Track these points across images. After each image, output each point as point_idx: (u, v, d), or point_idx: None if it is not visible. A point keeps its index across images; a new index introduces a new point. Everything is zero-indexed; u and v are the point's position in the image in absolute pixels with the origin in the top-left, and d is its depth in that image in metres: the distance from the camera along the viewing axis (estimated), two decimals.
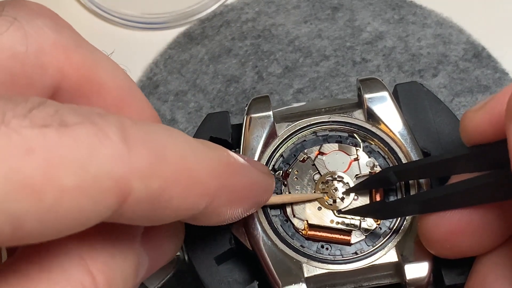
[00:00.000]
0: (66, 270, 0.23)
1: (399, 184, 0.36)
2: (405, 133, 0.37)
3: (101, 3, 0.52)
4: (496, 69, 0.47)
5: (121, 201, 0.22)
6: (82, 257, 0.23)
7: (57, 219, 0.21)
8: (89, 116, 0.22)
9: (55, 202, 0.20)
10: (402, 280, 0.34)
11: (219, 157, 0.27)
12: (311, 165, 0.37)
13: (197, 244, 0.34)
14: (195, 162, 0.25)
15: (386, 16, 0.50)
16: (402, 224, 0.35)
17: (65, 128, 0.21)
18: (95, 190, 0.21)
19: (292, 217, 0.36)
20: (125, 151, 0.22)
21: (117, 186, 0.22)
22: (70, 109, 0.22)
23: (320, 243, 0.36)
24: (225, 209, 0.28)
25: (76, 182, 0.20)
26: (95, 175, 0.21)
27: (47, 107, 0.21)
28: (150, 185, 0.23)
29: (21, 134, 0.20)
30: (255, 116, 0.38)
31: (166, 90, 0.49)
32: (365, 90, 0.38)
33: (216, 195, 0.26)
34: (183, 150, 0.25)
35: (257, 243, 0.35)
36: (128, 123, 0.23)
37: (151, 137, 0.23)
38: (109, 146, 0.21)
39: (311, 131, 0.38)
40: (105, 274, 0.24)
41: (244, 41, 0.50)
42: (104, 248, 0.24)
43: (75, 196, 0.21)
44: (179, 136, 0.25)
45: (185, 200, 0.25)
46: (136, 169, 0.22)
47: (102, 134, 0.21)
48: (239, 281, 0.35)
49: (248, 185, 0.30)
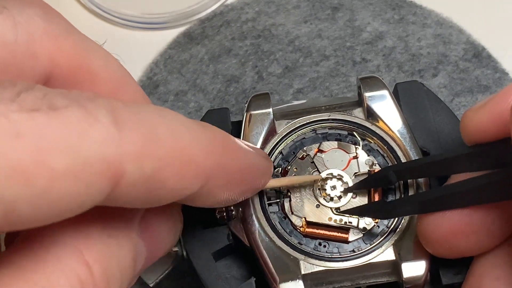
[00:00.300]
0: (61, 261, 0.23)
1: (398, 183, 0.36)
2: (405, 132, 0.37)
3: (101, 3, 0.52)
4: (496, 69, 0.47)
5: (114, 184, 0.22)
6: (77, 247, 0.23)
7: (50, 204, 0.20)
8: (78, 100, 0.22)
9: (46, 186, 0.20)
10: (399, 278, 0.34)
11: (214, 136, 0.27)
12: (310, 162, 0.37)
13: (195, 239, 0.34)
14: (190, 141, 0.25)
15: (386, 16, 0.50)
16: (400, 223, 0.35)
17: (54, 112, 0.21)
18: (86, 173, 0.21)
19: (290, 214, 0.36)
20: (116, 133, 0.22)
21: (109, 169, 0.21)
22: (59, 93, 0.21)
23: (318, 240, 0.36)
24: (221, 191, 0.28)
25: (67, 166, 0.20)
26: (86, 158, 0.21)
27: (36, 91, 0.21)
28: (143, 167, 0.22)
29: (9, 118, 0.20)
30: (255, 113, 0.38)
31: (166, 90, 0.49)
32: (365, 88, 0.38)
33: (212, 175, 0.26)
34: (177, 130, 0.24)
35: (254, 240, 0.35)
36: (118, 105, 0.22)
37: (142, 118, 0.23)
38: (99, 128, 0.21)
39: (310, 128, 0.38)
40: (101, 263, 0.23)
41: (244, 41, 0.50)
42: (100, 237, 0.24)
43: (66, 180, 0.20)
44: (172, 116, 0.25)
45: (181, 180, 0.24)
46: (128, 151, 0.22)
47: (91, 117, 0.21)
48: (237, 277, 0.35)
49: (245, 166, 0.30)
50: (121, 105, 0.23)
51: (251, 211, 0.35)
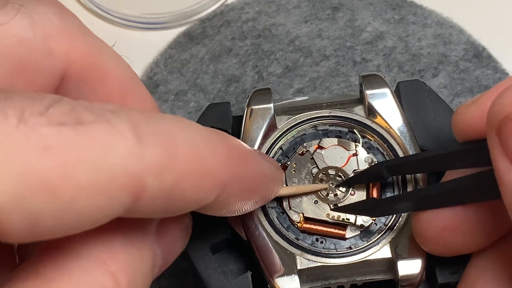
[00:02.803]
0: (87, 272, 0.23)
1: (396, 179, 0.36)
2: (405, 130, 0.37)
3: (101, 3, 0.52)
4: (496, 69, 0.47)
5: (135, 198, 0.22)
6: (102, 257, 0.23)
7: (73, 216, 0.21)
8: (103, 114, 0.22)
9: (71, 200, 0.20)
10: (395, 276, 0.34)
11: (231, 146, 0.27)
12: (309, 158, 0.37)
13: (193, 232, 0.34)
14: (207, 152, 0.25)
15: (386, 16, 0.50)
16: (398, 221, 0.35)
17: (81, 126, 0.21)
18: (110, 187, 0.21)
19: (288, 209, 0.36)
20: (138, 148, 0.22)
21: (131, 183, 0.22)
22: (85, 107, 0.22)
23: (315, 236, 0.36)
24: (235, 200, 0.28)
25: (91, 180, 0.21)
26: (110, 173, 0.21)
27: (63, 105, 0.21)
28: (164, 180, 0.23)
29: (39, 132, 0.20)
30: (255, 107, 0.38)
31: (167, 90, 0.49)
32: (367, 86, 0.38)
33: (228, 184, 0.26)
34: (195, 141, 0.24)
35: (252, 234, 0.35)
36: (139, 118, 0.23)
37: (162, 130, 0.23)
38: (123, 143, 0.22)
39: (311, 125, 0.38)
40: (126, 273, 0.24)
41: (245, 41, 0.50)
42: (123, 247, 0.24)
43: (90, 194, 0.21)
44: (190, 126, 0.25)
45: (198, 191, 0.25)
46: (150, 165, 0.22)
47: (116, 132, 0.22)
48: (233, 270, 0.35)
49: (259, 175, 0.30)
50: (142, 118, 0.23)
51: None
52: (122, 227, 0.25)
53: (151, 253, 0.26)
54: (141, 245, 0.25)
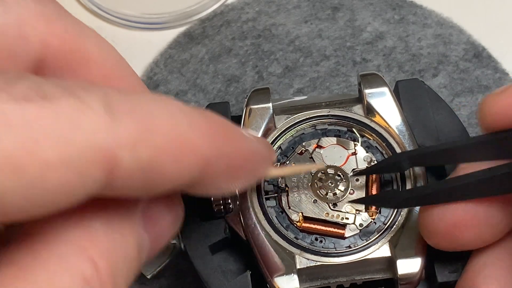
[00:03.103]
0: (64, 259, 0.22)
1: (395, 176, 0.36)
2: (404, 129, 0.37)
3: (101, 3, 0.52)
4: (496, 69, 0.47)
5: (109, 173, 0.21)
6: (81, 243, 0.23)
7: (43, 195, 0.20)
8: (71, 89, 0.21)
9: (38, 176, 0.20)
10: (394, 275, 0.34)
11: (213, 121, 0.26)
12: (308, 158, 0.37)
13: (192, 232, 0.34)
14: (187, 126, 0.24)
15: (386, 16, 0.50)
16: (397, 220, 0.35)
17: (47, 102, 0.20)
18: (80, 162, 0.21)
19: (287, 208, 0.36)
20: (110, 122, 0.21)
21: (103, 157, 0.21)
22: (52, 83, 0.21)
23: (314, 235, 0.36)
24: (222, 178, 0.27)
25: (59, 156, 0.20)
26: (79, 148, 0.20)
27: (28, 80, 0.21)
28: (139, 155, 0.22)
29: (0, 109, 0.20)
30: (254, 107, 0.38)
31: (167, 90, 0.49)
32: (366, 85, 0.38)
33: (212, 161, 0.25)
34: (174, 116, 0.24)
35: (251, 233, 0.35)
36: (112, 94, 0.22)
37: (138, 105, 0.23)
38: (93, 117, 0.21)
39: (310, 124, 0.38)
40: (107, 259, 0.23)
41: (245, 41, 0.50)
42: (104, 232, 0.23)
43: (59, 170, 0.20)
44: (169, 102, 0.24)
45: (178, 166, 0.24)
46: (123, 139, 0.21)
47: (85, 107, 0.21)
48: (233, 270, 0.35)
49: (245, 151, 0.29)
50: (115, 93, 0.22)
51: (249, 205, 0.35)
52: (103, 210, 0.24)
53: (136, 237, 0.25)
54: (125, 230, 0.24)
